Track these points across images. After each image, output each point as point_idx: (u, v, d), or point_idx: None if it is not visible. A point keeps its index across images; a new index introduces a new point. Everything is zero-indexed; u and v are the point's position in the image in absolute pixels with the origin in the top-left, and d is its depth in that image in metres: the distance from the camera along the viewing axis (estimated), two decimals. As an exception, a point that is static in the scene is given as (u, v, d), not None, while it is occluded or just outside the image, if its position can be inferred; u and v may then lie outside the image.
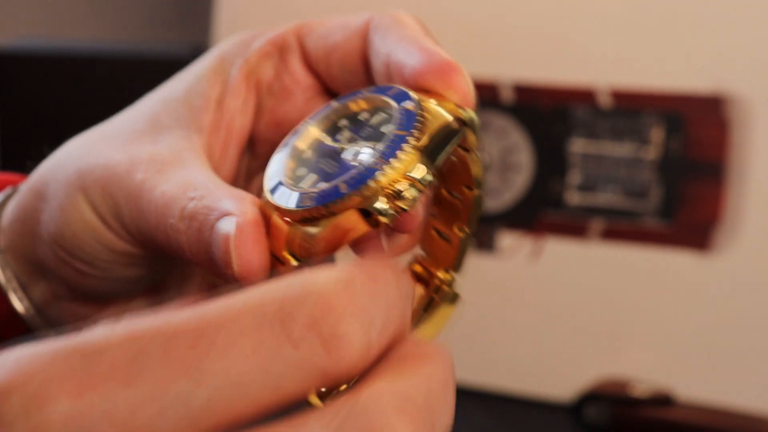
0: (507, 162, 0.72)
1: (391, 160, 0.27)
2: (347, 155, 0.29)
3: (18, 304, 0.37)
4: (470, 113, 0.30)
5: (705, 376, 0.68)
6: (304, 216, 0.27)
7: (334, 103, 0.31)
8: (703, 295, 0.68)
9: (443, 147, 0.28)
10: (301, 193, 0.28)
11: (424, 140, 0.28)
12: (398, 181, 0.27)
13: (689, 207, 0.69)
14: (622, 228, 0.70)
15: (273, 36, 0.37)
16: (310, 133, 0.30)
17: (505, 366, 0.72)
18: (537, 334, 0.71)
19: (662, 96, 0.69)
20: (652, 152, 0.70)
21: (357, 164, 0.28)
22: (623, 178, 0.70)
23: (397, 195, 0.27)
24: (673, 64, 0.69)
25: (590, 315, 0.70)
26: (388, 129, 0.29)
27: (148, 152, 0.34)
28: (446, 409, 0.23)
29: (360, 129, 0.30)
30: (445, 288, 0.31)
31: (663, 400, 0.65)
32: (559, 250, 0.71)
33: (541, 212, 0.72)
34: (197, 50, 0.80)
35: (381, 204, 0.27)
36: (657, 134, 0.69)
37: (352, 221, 0.27)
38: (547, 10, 0.72)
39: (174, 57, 0.78)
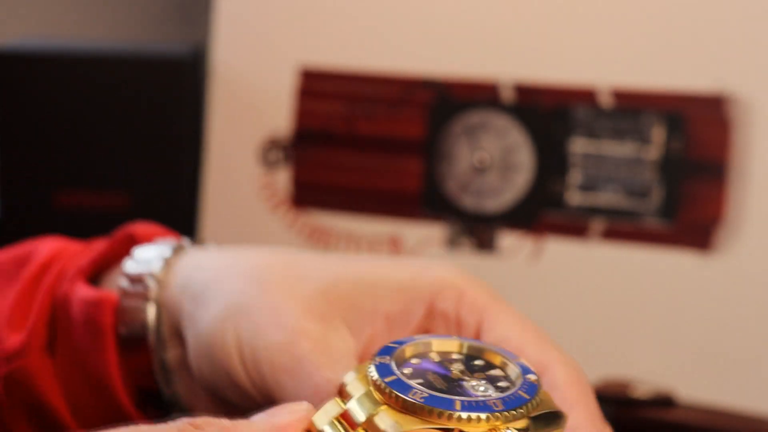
0: (507, 162, 0.72)
1: (506, 411, 0.30)
2: (467, 381, 0.31)
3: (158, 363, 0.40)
4: None
5: (707, 377, 0.67)
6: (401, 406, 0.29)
7: (457, 339, 0.33)
8: (705, 295, 0.68)
9: (545, 425, 0.31)
10: (485, 402, 0.29)
11: (538, 410, 0.31)
12: (498, 429, 0.29)
13: (690, 207, 0.69)
14: (623, 228, 0.70)
15: (459, 307, 0.38)
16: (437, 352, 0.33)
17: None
18: (538, 334, 0.71)
19: (663, 96, 0.69)
20: (653, 152, 0.69)
21: (476, 400, 0.30)
22: (624, 178, 0.70)
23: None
24: (674, 64, 0.69)
25: (591, 315, 0.70)
26: (510, 384, 0.32)
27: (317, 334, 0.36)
28: None
29: (478, 371, 0.32)
30: None
31: (664, 401, 0.65)
32: (559, 250, 0.71)
33: (541, 212, 0.71)
34: (197, 50, 0.80)
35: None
36: (658, 134, 0.69)
37: None
38: (547, 10, 0.72)
39: (174, 57, 0.78)
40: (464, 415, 0.29)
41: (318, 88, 0.76)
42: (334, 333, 0.36)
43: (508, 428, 0.29)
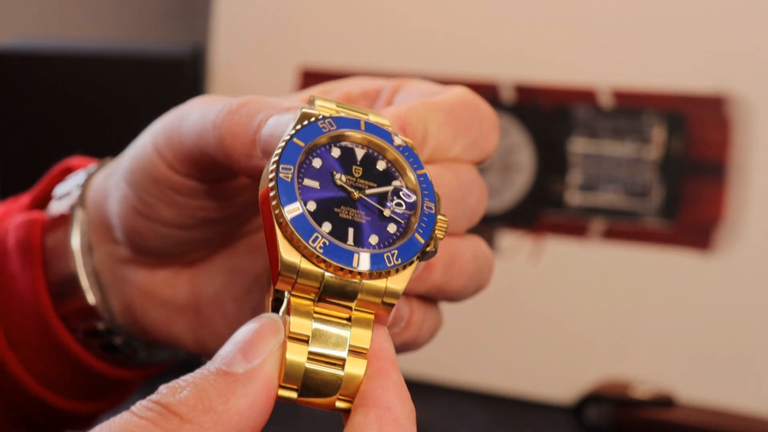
0: (507, 162, 0.72)
1: (437, 208, 0.31)
2: (370, 204, 0.31)
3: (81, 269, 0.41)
4: None
5: (706, 377, 0.67)
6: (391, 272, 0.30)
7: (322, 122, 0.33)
8: (705, 295, 0.68)
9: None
10: (380, 255, 0.30)
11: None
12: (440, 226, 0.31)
13: (690, 207, 0.69)
14: (623, 228, 0.70)
15: (380, 82, 0.40)
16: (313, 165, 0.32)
17: (506, 367, 0.71)
18: (538, 334, 0.71)
19: (663, 96, 0.69)
20: (653, 152, 0.69)
21: (401, 214, 0.31)
22: (624, 177, 0.70)
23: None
24: (674, 64, 0.69)
25: (591, 315, 0.70)
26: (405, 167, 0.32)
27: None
28: None
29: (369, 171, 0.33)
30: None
31: (664, 401, 0.65)
32: (559, 250, 0.71)
33: (541, 212, 0.71)
34: (197, 50, 0.80)
35: (437, 237, 0.31)
36: (658, 134, 0.69)
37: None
38: (547, 10, 0.72)
39: (174, 57, 0.78)
40: (429, 242, 0.31)
41: (318, 88, 0.76)
42: None
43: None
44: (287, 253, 0.29)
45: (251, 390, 0.27)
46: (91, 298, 0.41)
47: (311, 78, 0.76)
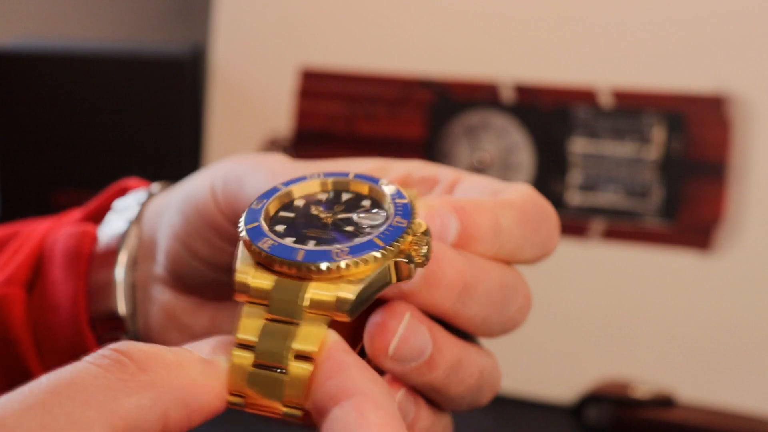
0: (507, 162, 0.72)
1: (410, 225, 0.30)
2: (342, 225, 0.31)
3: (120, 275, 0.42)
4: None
5: (707, 377, 0.67)
6: (343, 268, 0.28)
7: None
8: (705, 295, 0.68)
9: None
10: (327, 250, 0.29)
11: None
12: (420, 238, 0.30)
13: (690, 207, 0.69)
14: (623, 228, 0.70)
15: (437, 170, 0.39)
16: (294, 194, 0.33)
17: (506, 367, 0.71)
18: (537, 334, 0.70)
19: (663, 96, 0.69)
20: (653, 152, 0.69)
21: (369, 229, 0.30)
22: (624, 178, 0.70)
23: (417, 251, 0.30)
24: (674, 64, 0.69)
25: (591, 315, 0.70)
26: (383, 200, 0.32)
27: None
28: None
29: (351, 207, 0.32)
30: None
31: (664, 402, 0.65)
32: (559, 250, 0.70)
33: (541, 212, 0.71)
34: (197, 50, 0.80)
35: (409, 256, 0.30)
36: (658, 134, 0.69)
37: (383, 275, 0.29)
38: (547, 10, 0.72)
39: (174, 57, 0.78)
40: (390, 245, 0.29)
41: (318, 88, 0.76)
42: None
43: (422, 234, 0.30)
44: (240, 265, 0.29)
45: (208, 368, 0.28)
46: (122, 309, 0.42)
47: (311, 78, 0.76)
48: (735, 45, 0.68)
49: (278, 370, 0.28)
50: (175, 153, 0.78)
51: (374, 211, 0.31)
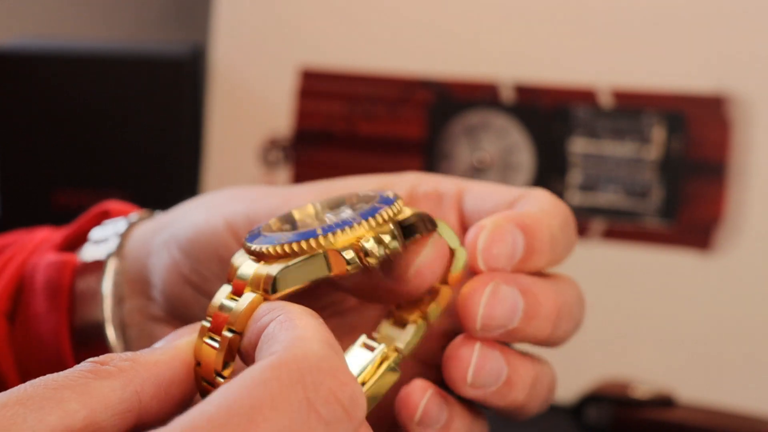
0: (507, 162, 0.72)
1: (365, 220, 0.31)
2: (329, 218, 0.33)
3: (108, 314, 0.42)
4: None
5: (707, 377, 0.67)
6: (279, 254, 0.30)
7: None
8: (705, 295, 0.68)
9: (414, 226, 0.33)
10: (278, 237, 0.31)
11: (401, 215, 0.32)
12: (365, 238, 0.31)
13: (690, 207, 0.69)
14: (623, 228, 0.70)
15: (437, 183, 0.39)
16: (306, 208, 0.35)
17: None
18: (538, 334, 0.70)
19: (663, 96, 0.69)
20: (653, 152, 0.69)
21: (336, 221, 0.32)
22: (624, 178, 0.70)
23: (364, 250, 0.31)
24: (674, 64, 0.69)
25: (591, 315, 0.70)
26: (368, 205, 0.33)
27: None
28: None
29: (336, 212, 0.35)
30: (390, 361, 0.34)
31: (664, 402, 0.65)
32: (559, 250, 0.71)
33: (541, 212, 0.71)
34: (197, 50, 0.80)
35: (348, 253, 0.31)
36: (658, 134, 0.69)
37: (318, 265, 0.31)
38: (547, 10, 0.72)
39: (174, 57, 0.78)
40: (326, 235, 0.31)
41: (318, 88, 0.76)
42: None
43: (378, 233, 0.31)
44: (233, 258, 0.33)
45: (172, 348, 0.30)
46: (113, 349, 0.41)
47: (311, 78, 0.76)
48: (735, 45, 0.68)
49: (217, 339, 0.30)
50: (175, 153, 0.78)
51: (357, 207, 0.33)
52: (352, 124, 0.75)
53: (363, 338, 0.34)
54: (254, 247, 0.31)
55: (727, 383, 0.67)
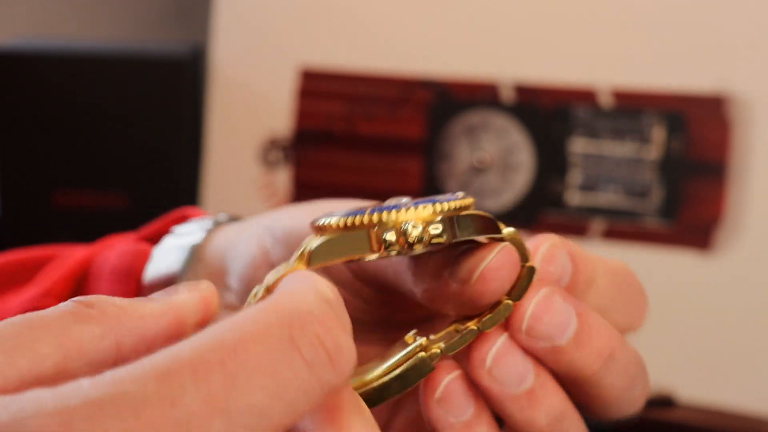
0: (507, 162, 0.72)
1: (415, 207, 0.31)
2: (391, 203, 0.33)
3: None
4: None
5: (707, 378, 0.67)
6: (332, 227, 0.30)
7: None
8: (705, 295, 0.68)
9: (472, 224, 0.32)
10: (340, 213, 0.31)
11: (454, 209, 0.31)
12: (411, 222, 0.31)
13: (691, 207, 0.69)
14: (623, 228, 0.70)
15: None
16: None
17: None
18: (538, 334, 0.70)
19: (663, 96, 0.69)
20: (653, 152, 0.69)
21: (390, 204, 0.32)
22: (624, 178, 0.70)
23: (405, 233, 0.31)
24: (674, 64, 0.69)
25: (591, 315, 0.70)
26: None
27: None
28: None
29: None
30: (426, 356, 0.32)
31: (664, 402, 0.65)
32: (559, 250, 0.71)
33: (541, 212, 0.71)
34: (197, 50, 0.80)
35: (390, 235, 0.31)
36: (658, 134, 0.69)
37: (359, 242, 0.30)
38: (547, 10, 0.72)
39: (174, 57, 0.78)
40: (373, 214, 0.31)
41: (318, 88, 0.76)
42: None
43: (425, 222, 0.31)
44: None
45: (163, 307, 0.29)
46: None
47: (311, 78, 0.76)
48: (735, 45, 0.68)
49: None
50: (175, 153, 0.78)
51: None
52: (352, 124, 0.75)
53: (412, 332, 0.33)
54: (318, 221, 0.31)
55: (727, 383, 0.67)
